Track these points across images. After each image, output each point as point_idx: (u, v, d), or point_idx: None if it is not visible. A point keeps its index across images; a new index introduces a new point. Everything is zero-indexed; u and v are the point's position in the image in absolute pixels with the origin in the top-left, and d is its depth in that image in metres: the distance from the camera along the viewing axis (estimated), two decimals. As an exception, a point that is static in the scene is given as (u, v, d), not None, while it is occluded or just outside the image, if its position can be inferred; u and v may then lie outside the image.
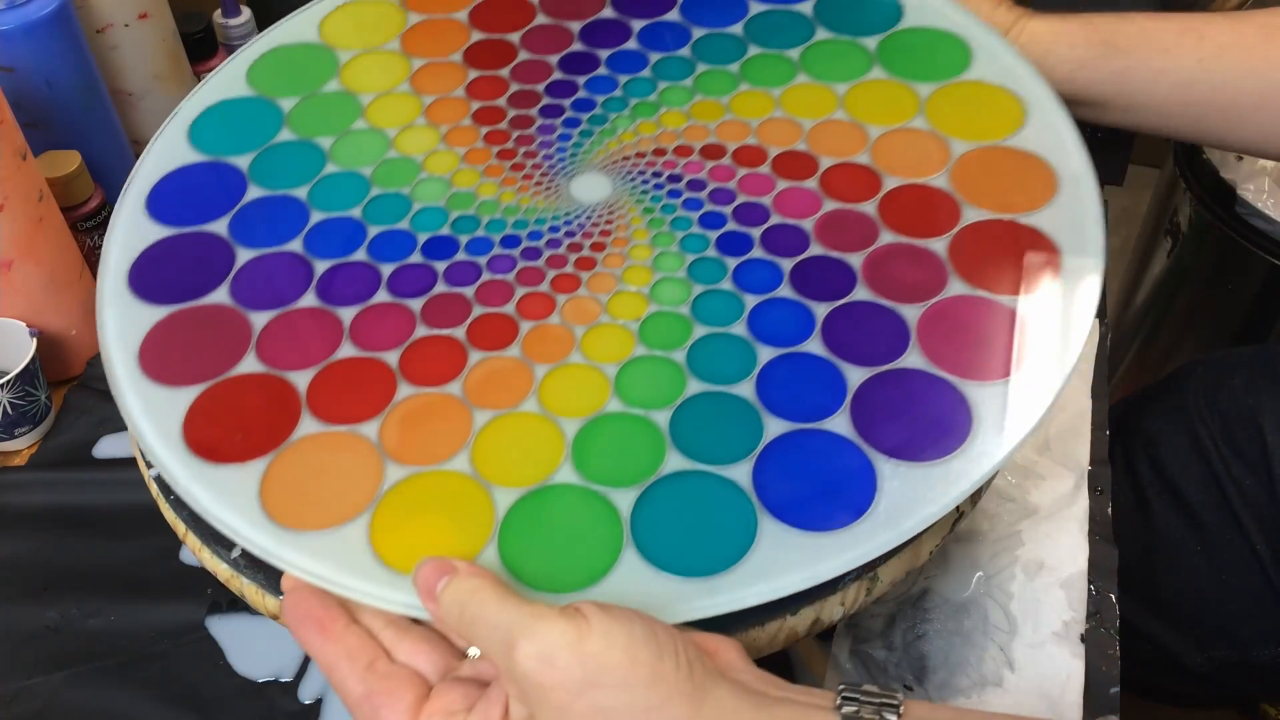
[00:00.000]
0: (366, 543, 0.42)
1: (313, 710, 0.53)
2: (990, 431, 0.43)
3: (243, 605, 0.54)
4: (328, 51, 0.61)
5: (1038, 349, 0.46)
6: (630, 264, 0.50)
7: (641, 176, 0.54)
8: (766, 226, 0.51)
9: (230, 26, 0.81)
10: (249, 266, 0.51)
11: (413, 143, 0.56)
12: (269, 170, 0.55)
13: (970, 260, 0.49)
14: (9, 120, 0.60)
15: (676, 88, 0.58)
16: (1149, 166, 1.24)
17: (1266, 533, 0.61)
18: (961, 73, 0.57)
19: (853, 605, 0.44)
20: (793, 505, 0.42)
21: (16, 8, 0.64)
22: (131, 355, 0.48)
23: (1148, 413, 0.68)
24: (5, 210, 0.60)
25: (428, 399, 0.46)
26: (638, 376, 0.46)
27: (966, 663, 0.53)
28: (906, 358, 0.46)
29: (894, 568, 0.44)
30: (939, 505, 0.42)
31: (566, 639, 0.34)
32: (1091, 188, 0.51)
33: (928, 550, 0.46)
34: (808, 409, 0.45)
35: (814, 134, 0.55)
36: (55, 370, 0.70)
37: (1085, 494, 0.60)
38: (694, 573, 0.41)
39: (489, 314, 0.49)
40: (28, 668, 0.55)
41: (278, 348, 0.48)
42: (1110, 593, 0.55)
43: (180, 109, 0.58)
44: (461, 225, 0.52)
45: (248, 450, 0.45)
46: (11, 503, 0.63)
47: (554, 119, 0.57)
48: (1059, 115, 0.54)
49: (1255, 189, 0.97)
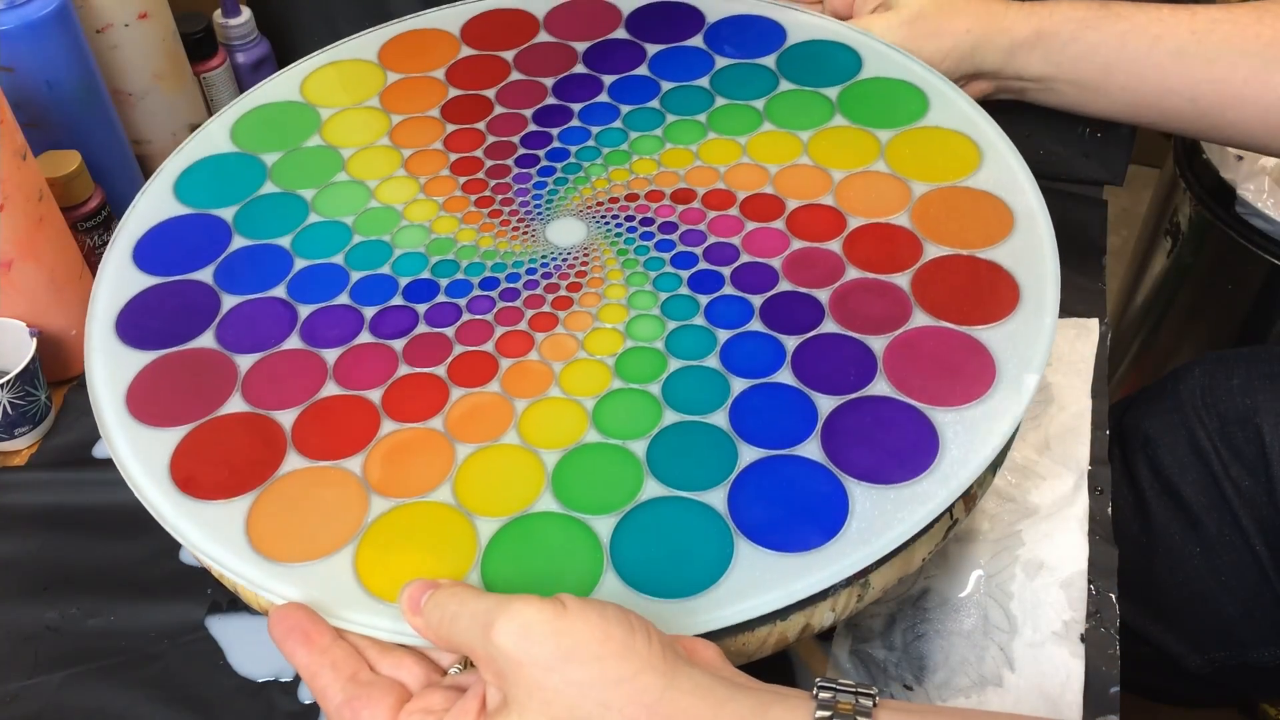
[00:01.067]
0: (352, 572, 0.43)
1: (313, 710, 0.53)
2: (956, 454, 0.45)
3: (243, 605, 0.54)
4: (309, 109, 0.63)
5: (999, 374, 0.47)
6: (606, 303, 0.52)
7: (615, 220, 0.56)
8: (736, 265, 0.53)
9: (230, 26, 0.81)
10: (234, 312, 0.52)
11: (393, 193, 0.58)
12: (253, 221, 0.57)
13: (932, 293, 0.51)
14: (9, 120, 0.60)
15: (647, 137, 0.60)
16: (1149, 166, 1.24)
17: (1265, 533, 0.62)
18: (919, 119, 0.60)
19: (843, 611, 0.45)
20: (767, 528, 0.43)
21: (16, 8, 0.64)
22: (119, 398, 0.49)
23: (1146, 414, 0.68)
24: (5, 210, 0.60)
25: (410, 434, 0.47)
26: (615, 408, 0.48)
27: (966, 663, 0.53)
28: (874, 386, 0.48)
29: (885, 574, 0.45)
30: (909, 524, 0.43)
31: (543, 615, 0.35)
32: (1045, 223, 0.53)
33: (919, 558, 0.47)
34: (780, 436, 0.46)
35: (780, 178, 0.57)
36: (55, 370, 0.69)
37: (1085, 494, 0.60)
38: (673, 594, 0.42)
39: (469, 352, 0.50)
40: (28, 668, 0.55)
41: (262, 388, 0.49)
42: (1110, 593, 0.56)
43: (165, 165, 0.60)
44: (441, 269, 0.54)
45: (234, 486, 0.46)
46: (11, 503, 0.62)
47: (529, 168, 0.59)
48: (1012, 156, 0.57)
49: (1255, 189, 0.97)
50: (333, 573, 0.43)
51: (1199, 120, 0.62)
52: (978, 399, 0.47)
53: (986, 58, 0.64)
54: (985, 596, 0.56)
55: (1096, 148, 0.76)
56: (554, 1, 0.69)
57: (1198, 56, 0.59)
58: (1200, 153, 1.02)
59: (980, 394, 0.47)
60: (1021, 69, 0.64)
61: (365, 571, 0.43)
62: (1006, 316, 0.50)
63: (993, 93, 0.67)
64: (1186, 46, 0.60)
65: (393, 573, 0.43)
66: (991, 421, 0.46)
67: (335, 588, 0.42)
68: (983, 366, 0.48)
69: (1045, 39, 0.63)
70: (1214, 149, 1.00)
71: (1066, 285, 0.69)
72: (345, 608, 0.42)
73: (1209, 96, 0.60)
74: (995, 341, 0.49)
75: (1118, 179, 0.78)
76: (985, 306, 0.50)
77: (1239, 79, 0.59)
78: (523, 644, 0.35)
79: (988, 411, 0.46)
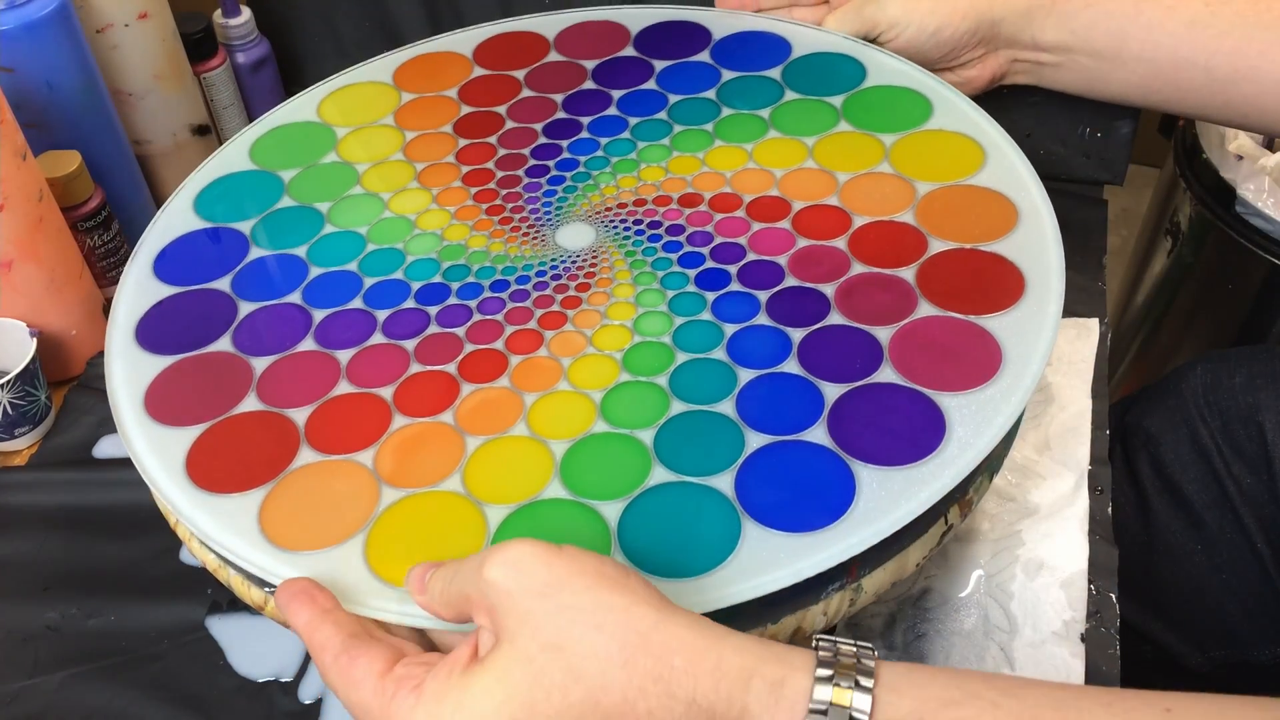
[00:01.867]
0: (363, 559, 0.43)
1: (313, 710, 0.53)
2: (963, 435, 0.45)
3: (243, 605, 0.54)
4: (326, 129, 0.65)
5: (1005, 359, 0.48)
6: (614, 301, 0.53)
7: (623, 224, 0.57)
8: (743, 263, 0.54)
9: (230, 26, 0.81)
10: (250, 317, 0.54)
11: (406, 204, 0.59)
12: (270, 233, 0.58)
13: (938, 285, 0.51)
14: (9, 120, 0.61)
15: (655, 146, 0.61)
16: (1149, 166, 1.23)
17: (1267, 531, 0.61)
18: (923, 123, 0.60)
19: (835, 615, 0.45)
20: (774, 509, 0.43)
21: (16, 8, 0.64)
22: (137, 399, 0.50)
23: (1148, 412, 0.68)
24: (5, 210, 0.61)
25: (421, 428, 0.48)
26: (623, 399, 0.48)
27: (966, 663, 0.53)
28: (880, 373, 0.48)
29: (879, 579, 0.45)
30: (916, 503, 0.43)
31: (535, 549, 0.36)
32: (1050, 217, 0.54)
33: (914, 562, 0.47)
34: (787, 422, 0.46)
35: (785, 181, 0.58)
36: (55, 370, 0.70)
37: (1085, 494, 0.60)
38: (680, 574, 0.42)
39: (480, 350, 0.51)
40: (28, 668, 0.55)
41: (277, 387, 0.50)
42: (1110, 593, 0.55)
43: (186, 183, 0.61)
44: (453, 273, 0.55)
45: (248, 480, 0.46)
46: (11, 503, 0.63)
47: (539, 177, 0.60)
48: (1016, 155, 0.57)
49: (1255, 189, 0.97)
50: (344, 559, 0.43)
51: (1214, 96, 0.62)
52: (984, 383, 0.47)
53: (1004, 19, 0.64)
54: (985, 596, 0.55)
55: (1096, 148, 0.77)
56: (564, 23, 0.71)
57: (1211, 27, 0.60)
58: (1200, 153, 1.02)
59: (987, 379, 0.47)
60: (1038, 34, 0.64)
61: (375, 558, 0.43)
62: (1012, 305, 0.50)
63: (1008, 71, 0.67)
64: (1200, 17, 0.60)
65: (402, 558, 0.43)
66: (999, 404, 0.46)
67: (346, 574, 0.43)
68: (989, 352, 0.48)
69: (1060, 2, 0.63)
70: (1214, 149, 1.00)
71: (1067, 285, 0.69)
72: (355, 592, 0.42)
73: (1223, 68, 0.60)
74: (1001, 329, 0.49)
75: (1118, 179, 0.78)
76: (990, 297, 0.51)
77: (1254, 50, 0.59)
78: (513, 574, 0.35)
79: (994, 395, 0.46)
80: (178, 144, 0.78)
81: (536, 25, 0.71)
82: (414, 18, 0.83)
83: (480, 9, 0.82)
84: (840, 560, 0.42)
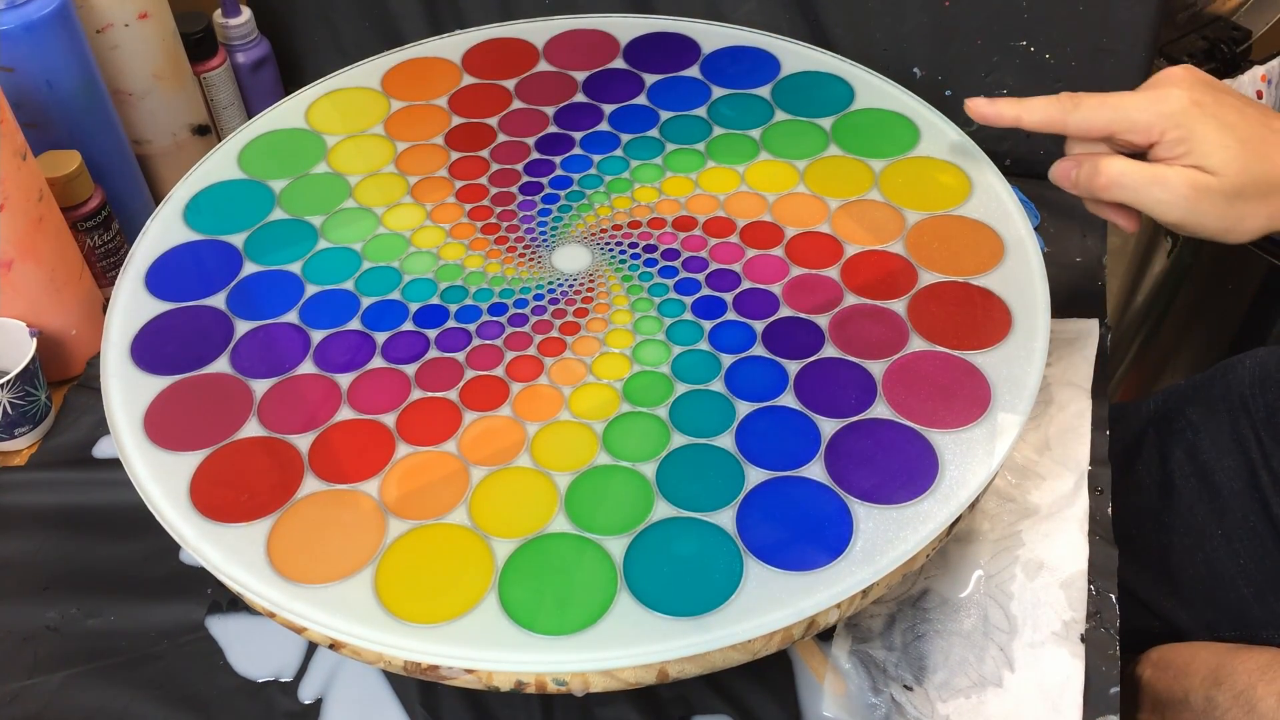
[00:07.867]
0: (373, 594, 0.44)
1: (313, 710, 0.53)
2: (955, 474, 0.47)
3: (243, 605, 0.55)
4: (315, 136, 0.64)
5: (994, 397, 0.49)
6: (612, 328, 0.53)
7: (619, 247, 0.57)
8: (738, 291, 0.55)
9: (230, 26, 0.81)
10: (248, 337, 0.54)
11: (400, 219, 0.59)
12: (263, 247, 0.58)
13: (928, 319, 0.53)
14: (9, 120, 0.60)
15: (648, 165, 0.62)
16: None
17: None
18: (911, 149, 0.61)
19: (848, 609, 0.46)
20: (775, 548, 0.45)
21: (16, 8, 0.64)
22: (136, 423, 0.50)
23: (1192, 400, 0.69)
24: (5, 210, 0.61)
25: (425, 457, 0.48)
26: (624, 431, 0.49)
27: (966, 663, 0.54)
28: (874, 409, 0.49)
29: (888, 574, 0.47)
30: (912, 543, 0.45)
31: None
32: (1035, 250, 0.56)
33: (922, 556, 0.48)
34: (785, 458, 0.48)
35: (778, 206, 0.59)
36: (55, 370, 0.69)
37: (1085, 494, 0.61)
38: (686, 612, 0.43)
39: (480, 376, 0.51)
40: (28, 668, 0.55)
41: (278, 412, 0.50)
42: (1110, 593, 0.56)
43: (174, 192, 0.61)
44: (450, 295, 0.55)
45: (253, 510, 0.47)
46: (11, 503, 0.63)
47: (533, 195, 0.60)
48: (1001, 186, 0.59)
49: None
50: (355, 594, 0.44)
51: None
52: (974, 421, 0.49)
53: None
54: (985, 597, 0.56)
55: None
56: (553, 30, 0.71)
57: None
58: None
59: (976, 416, 0.49)
60: None
61: (385, 592, 0.44)
62: (1000, 341, 0.52)
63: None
64: None
65: (413, 594, 0.44)
66: (988, 442, 0.48)
67: (357, 609, 0.43)
68: (978, 390, 0.50)
69: None
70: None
71: (1067, 285, 0.70)
72: (368, 628, 0.43)
73: None
74: (989, 365, 0.51)
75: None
76: (979, 332, 0.52)
77: None
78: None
79: (984, 433, 0.48)
80: (178, 144, 0.78)
81: (524, 32, 0.71)
82: (414, 18, 0.82)
83: (481, 9, 0.81)
84: (840, 600, 0.43)
